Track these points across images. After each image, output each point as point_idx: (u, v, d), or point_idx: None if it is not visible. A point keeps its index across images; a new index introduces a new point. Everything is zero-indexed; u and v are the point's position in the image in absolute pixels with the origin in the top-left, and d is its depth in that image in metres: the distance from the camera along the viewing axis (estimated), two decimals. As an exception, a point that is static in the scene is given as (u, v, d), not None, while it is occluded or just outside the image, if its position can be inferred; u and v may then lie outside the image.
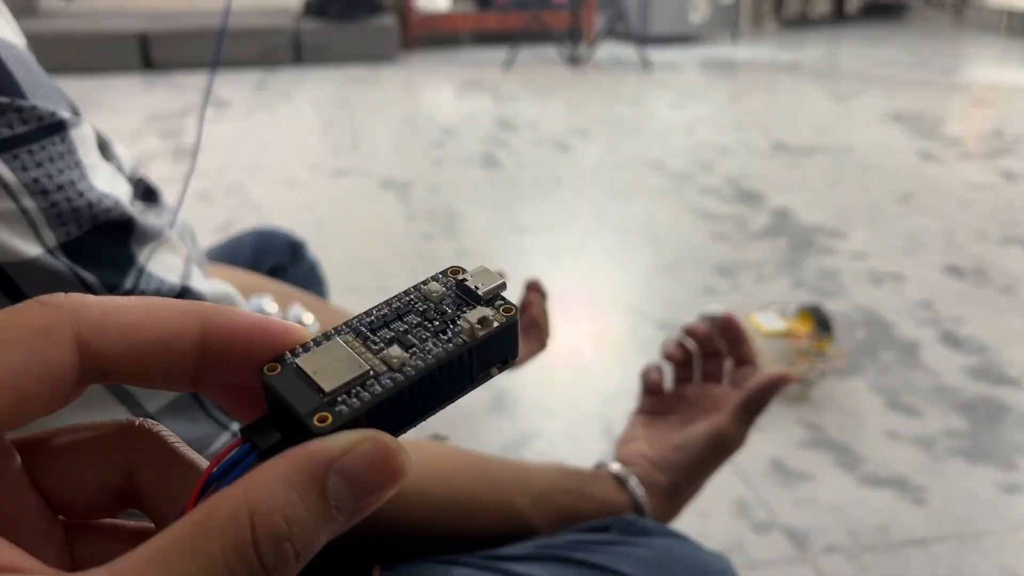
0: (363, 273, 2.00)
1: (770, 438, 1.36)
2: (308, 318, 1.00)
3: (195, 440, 0.52)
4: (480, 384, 0.24)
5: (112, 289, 0.48)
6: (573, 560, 0.66)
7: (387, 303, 0.24)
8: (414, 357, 0.22)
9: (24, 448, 0.22)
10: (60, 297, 0.21)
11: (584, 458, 1.16)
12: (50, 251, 0.46)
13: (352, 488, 0.20)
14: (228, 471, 0.21)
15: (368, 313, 0.24)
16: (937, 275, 1.96)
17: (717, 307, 1.80)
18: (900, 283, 1.91)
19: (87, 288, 0.47)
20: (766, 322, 1.57)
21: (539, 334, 1.09)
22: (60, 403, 0.21)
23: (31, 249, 0.46)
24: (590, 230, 2.29)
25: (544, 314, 1.09)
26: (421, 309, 0.24)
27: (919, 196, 2.50)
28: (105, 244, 0.49)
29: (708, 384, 0.87)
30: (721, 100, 3.83)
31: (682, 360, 0.87)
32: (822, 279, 1.94)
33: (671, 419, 0.84)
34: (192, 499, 0.20)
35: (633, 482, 0.76)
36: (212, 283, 0.55)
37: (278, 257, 1.18)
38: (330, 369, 0.22)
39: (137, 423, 0.23)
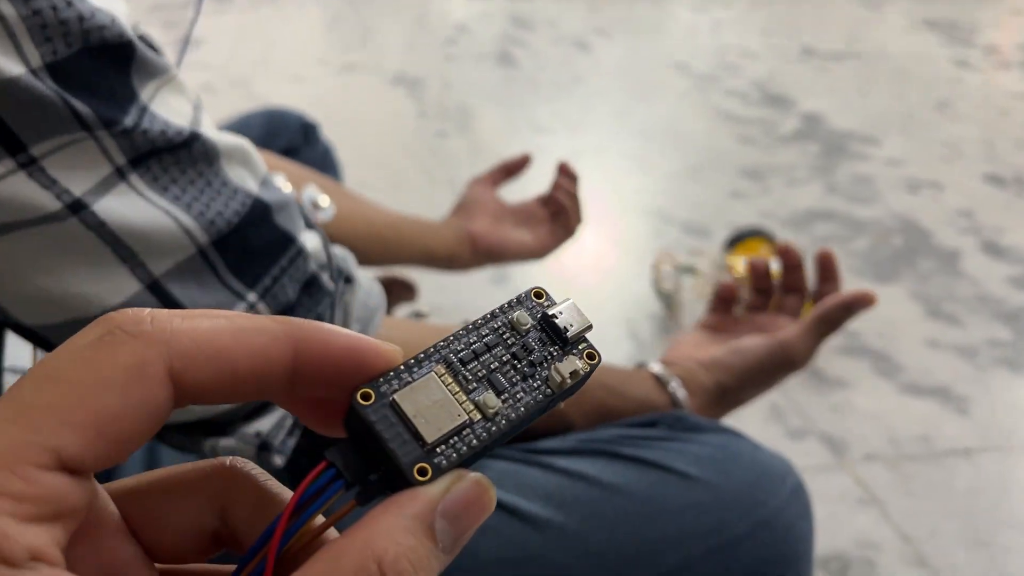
0: (374, 170, 1.91)
1: (804, 344, 1.30)
2: (324, 200, 0.93)
3: (207, 307, 0.46)
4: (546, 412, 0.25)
5: (109, 124, 0.41)
6: (621, 455, 0.59)
7: (475, 328, 0.24)
8: (507, 405, 0.23)
9: (120, 497, 0.22)
10: (146, 324, 0.20)
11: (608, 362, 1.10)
12: (33, 71, 0.39)
13: (453, 528, 0.21)
14: (314, 497, 0.21)
15: (457, 338, 0.24)
16: (977, 184, 1.87)
17: (745, 212, 1.72)
18: (938, 191, 1.83)
19: (79, 120, 0.40)
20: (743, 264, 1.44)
21: (567, 221, 1.01)
22: (153, 434, 0.20)
23: (11, 67, 0.38)
24: (612, 131, 2.19)
25: (574, 200, 1.00)
26: (509, 342, 0.24)
27: (956, 104, 2.38)
28: (101, 70, 0.41)
29: (781, 316, 0.79)
30: (746, 4, 3.65)
31: (762, 279, 0.80)
32: (856, 185, 1.85)
33: (726, 344, 0.77)
34: (282, 523, 0.20)
35: (674, 384, 0.70)
36: (225, 135, 0.48)
37: (289, 138, 1.09)
38: (429, 415, 0.22)
39: (228, 462, 0.23)
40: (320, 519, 0.22)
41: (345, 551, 0.19)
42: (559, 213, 1.01)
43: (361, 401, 0.22)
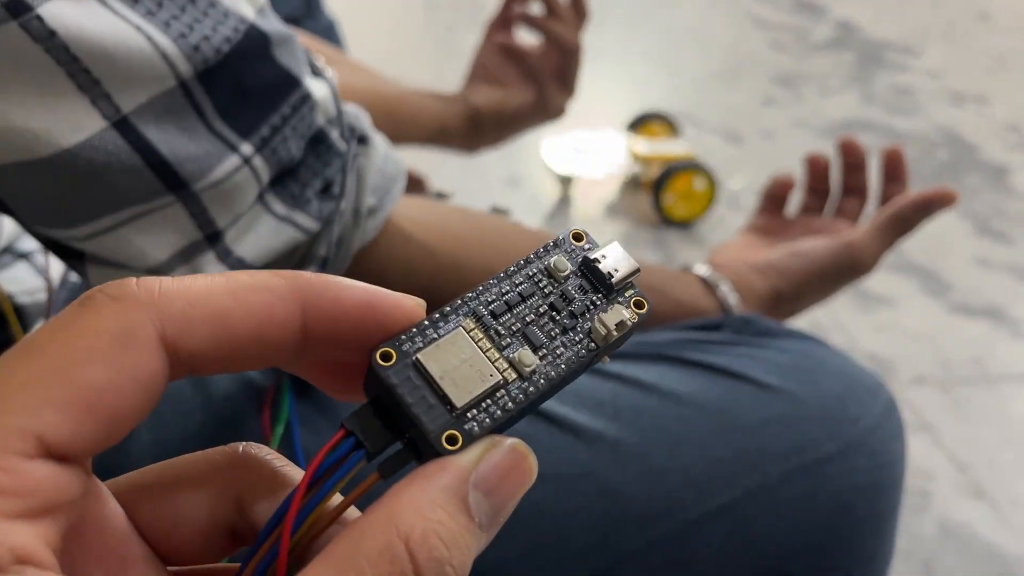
0: (379, 64, 1.78)
1: (844, 259, 1.20)
2: (329, 72, 0.81)
3: (191, 159, 0.36)
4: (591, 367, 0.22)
5: None
6: (684, 360, 0.50)
7: (508, 277, 0.22)
8: (545, 363, 0.21)
9: (123, 494, 0.20)
10: (132, 287, 0.18)
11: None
12: None
13: (490, 501, 0.18)
14: (332, 470, 0.19)
15: (487, 289, 0.21)
16: (1024, 98, 1.75)
17: (779, 119, 1.61)
18: (984, 105, 1.71)
19: None
20: (644, 147, 1.33)
21: (568, 76, 0.85)
22: (150, 409, 0.18)
23: None
24: (635, 29, 2.05)
25: (573, 46, 0.84)
26: (546, 291, 0.22)
27: (999, 16, 2.24)
28: None
29: (839, 220, 0.69)
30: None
31: (821, 175, 0.70)
32: (895, 95, 1.73)
33: (781, 245, 0.68)
34: (296, 500, 0.18)
35: (724, 288, 0.60)
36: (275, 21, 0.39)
37: (291, 7, 0.97)
38: (457, 375, 0.20)
39: (240, 449, 0.21)
40: (339, 498, 0.20)
41: (368, 530, 0.17)
42: (560, 70, 0.85)
43: (381, 362, 0.20)
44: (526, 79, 0.85)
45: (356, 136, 0.45)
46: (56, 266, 0.54)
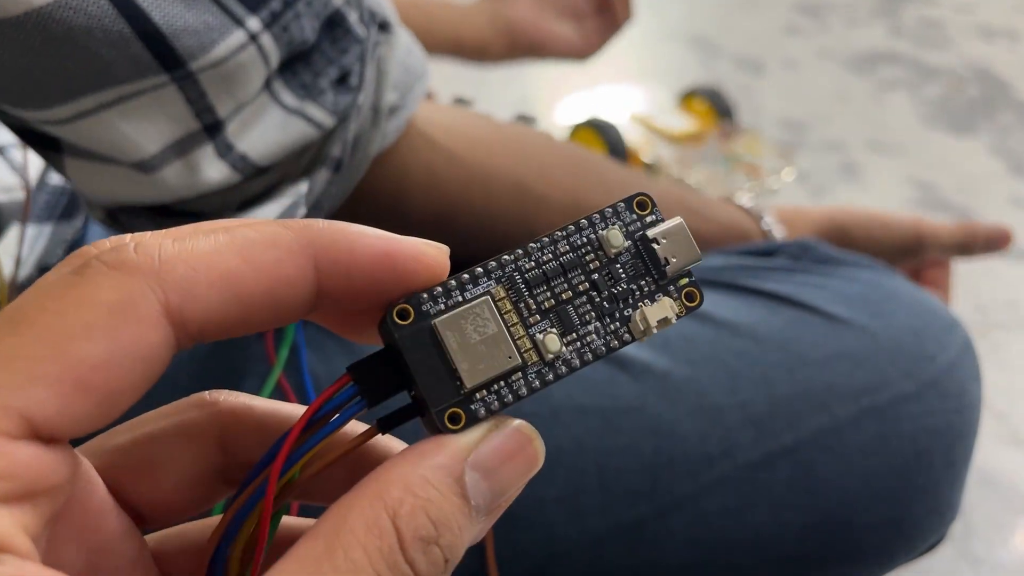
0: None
1: (873, 193, 1.14)
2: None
3: (189, 31, 0.29)
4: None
5: None
6: (741, 287, 0.44)
7: (552, 242, 0.20)
8: (571, 350, 0.19)
9: (98, 458, 0.19)
10: (129, 252, 0.16)
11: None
12: None
13: (489, 483, 0.18)
14: (331, 415, 0.18)
15: (528, 252, 0.19)
16: (1057, 36, 1.67)
17: (802, 48, 1.53)
18: (1016, 41, 1.63)
19: None
20: (672, 123, 1.13)
21: (613, 15, 0.82)
22: (150, 385, 0.17)
23: None
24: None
25: None
26: (591, 267, 0.20)
27: (1029, -49, 2.14)
28: None
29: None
30: None
31: None
32: (924, 28, 1.65)
33: None
34: (289, 440, 0.18)
35: (769, 219, 0.54)
36: None
37: None
38: (473, 352, 0.18)
39: (208, 396, 0.20)
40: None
41: (356, 504, 0.16)
42: (604, 6, 0.82)
43: (397, 320, 0.18)
44: (572, 15, 0.80)
45: (377, 22, 0.38)
46: (35, 164, 0.48)
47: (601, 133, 0.99)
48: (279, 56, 0.33)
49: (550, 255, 0.20)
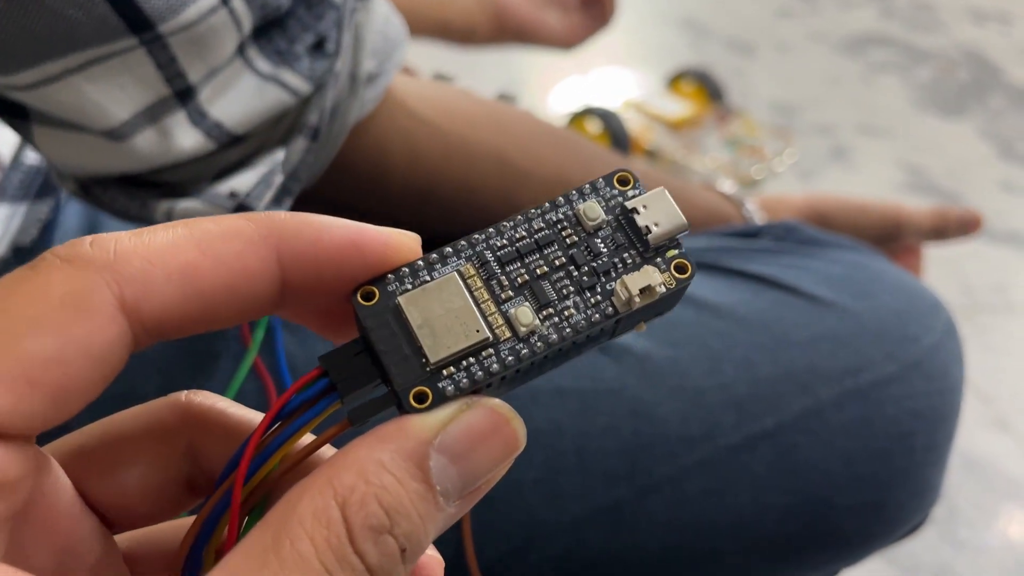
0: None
1: (863, 176, 1.14)
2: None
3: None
4: (619, 337, 0.20)
5: None
6: (724, 268, 0.44)
7: (526, 219, 0.19)
8: (548, 324, 0.18)
9: (65, 459, 0.18)
10: (85, 247, 0.16)
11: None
12: None
13: (459, 468, 0.16)
14: (300, 409, 0.18)
15: (500, 231, 0.19)
16: (1049, 19, 1.67)
17: (794, 31, 1.52)
18: (1007, 24, 1.63)
19: None
20: (667, 107, 1.11)
21: (601, 9, 0.83)
22: (108, 382, 0.16)
23: None
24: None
25: None
26: (568, 242, 0.19)
27: (1023, -66, 2.14)
28: None
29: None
30: None
31: None
32: (915, 11, 1.64)
33: None
34: (252, 442, 0.17)
35: (751, 206, 0.54)
36: None
37: None
38: (439, 326, 0.18)
39: (184, 397, 0.20)
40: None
41: (306, 491, 0.15)
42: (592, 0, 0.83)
43: (361, 301, 0.18)
44: (559, 4, 0.80)
45: None
46: (8, 142, 0.47)
47: (603, 121, 0.98)
48: (252, 20, 0.32)
49: (524, 232, 0.19)
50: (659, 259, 0.19)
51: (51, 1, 0.28)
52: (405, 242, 0.18)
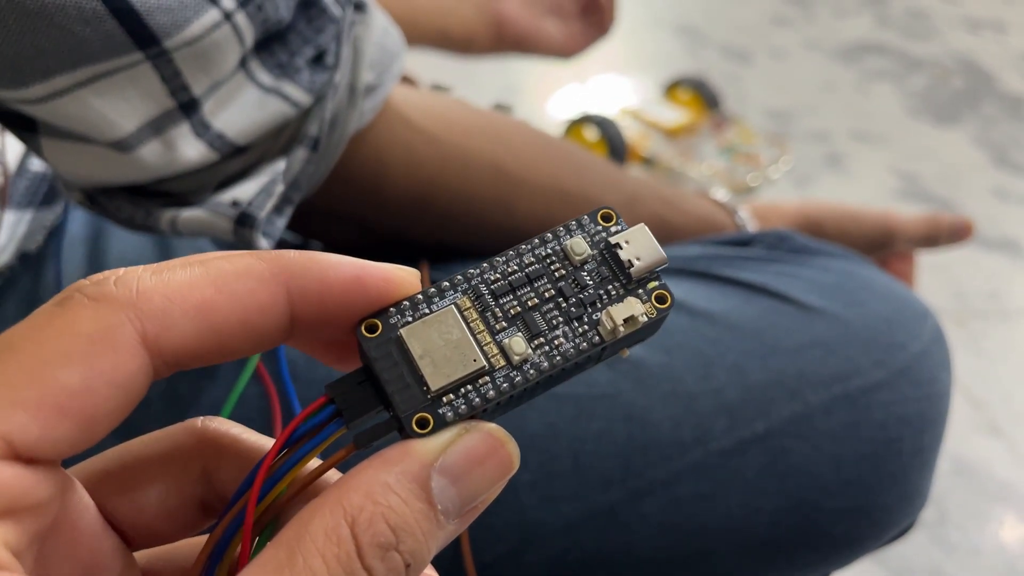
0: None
1: (858, 183, 1.15)
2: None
3: (163, 8, 0.30)
4: (603, 362, 0.21)
5: None
6: (717, 276, 0.45)
7: (517, 255, 0.20)
8: (539, 353, 0.19)
9: (87, 481, 0.19)
10: (109, 284, 0.17)
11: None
12: None
13: (459, 489, 0.18)
14: (308, 435, 0.19)
15: (493, 266, 0.20)
16: (1043, 27, 1.68)
17: (789, 38, 1.53)
18: (1001, 33, 1.64)
19: None
20: (663, 115, 1.13)
21: (600, 18, 0.84)
22: (129, 410, 0.17)
23: None
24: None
25: None
26: (557, 275, 0.20)
27: (1017, -57, 2.15)
28: None
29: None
30: None
31: None
32: (910, 19, 1.66)
33: None
34: (264, 466, 0.18)
35: (744, 214, 0.55)
36: None
37: None
38: (438, 356, 0.19)
39: (200, 424, 0.21)
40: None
41: (317, 511, 0.17)
42: (591, 8, 0.83)
43: (365, 333, 0.19)
44: (558, 14, 0.81)
45: (352, 2, 0.39)
46: (13, 149, 0.48)
47: (600, 129, 0.99)
48: (254, 35, 0.33)
49: (515, 267, 0.20)
50: (641, 291, 0.20)
51: (60, 18, 0.29)
52: (405, 277, 0.19)
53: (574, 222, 0.21)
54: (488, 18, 0.80)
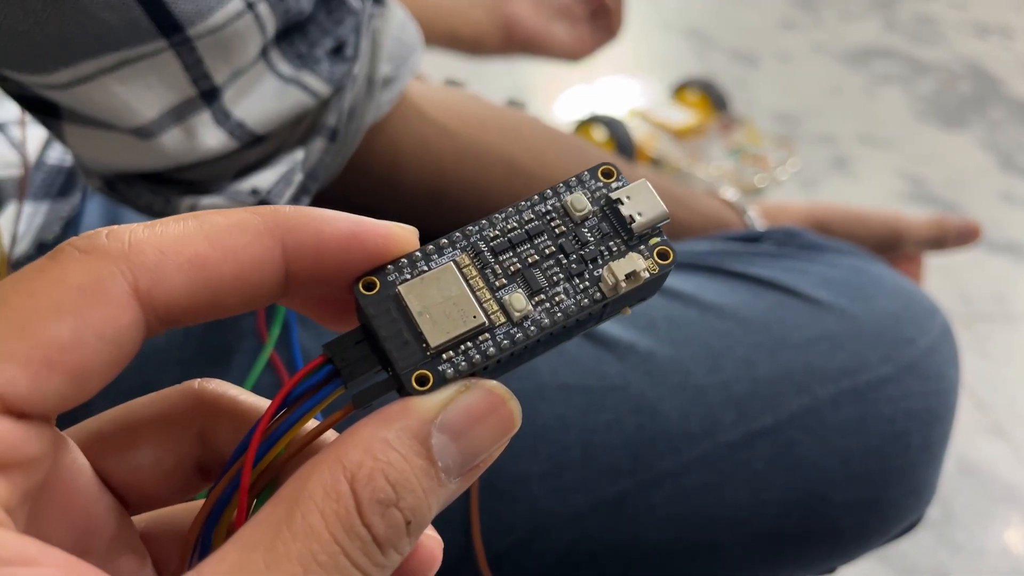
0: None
1: (864, 185, 1.15)
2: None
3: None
4: (606, 321, 0.21)
5: None
6: (727, 271, 0.45)
7: (517, 211, 0.20)
8: (540, 310, 0.19)
9: (83, 442, 0.19)
10: (102, 239, 0.17)
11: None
12: None
13: (459, 445, 0.17)
14: (306, 395, 0.19)
15: (492, 222, 0.20)
16: (1050, 33, 1.68)
17: (797, 42, 1.54)
18: (1008, 38, 1.64)
19: None
20: (672, 116, 1.13)
21: (608, 21, 0.84)
22: (122, 366, 0.17)
23: None
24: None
25: None
26: (557, 232, 0.20)
27: (1025, -51, 2.15)
28: None
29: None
30: None
31: None
32: (918, 24, 1.66)
33: None
34: (260, 427, 0.18)
35: (752, 213, 0.55)
36: None
37: None
38: (437, 312, 0.18)
39: (196, 385, 0.21)
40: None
41: (316, 468, 0.16)
42: (600, 12, 0.84)
43: (363, 291, 0.19)
44: (566, 17, 0.81)
45: None
46: (33, 141, 0.48)
47: (609, 129, 1.00)
48: (275, 25, 0.34)
49: (515, 223, 0.20)
50: (643, 247, 0.20)
51: (87, 4, 0.29)
52: (403, 234, 0.19)
53: (574, 178, 0.20)
54: (497, 20, 0.81)
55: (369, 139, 0.40)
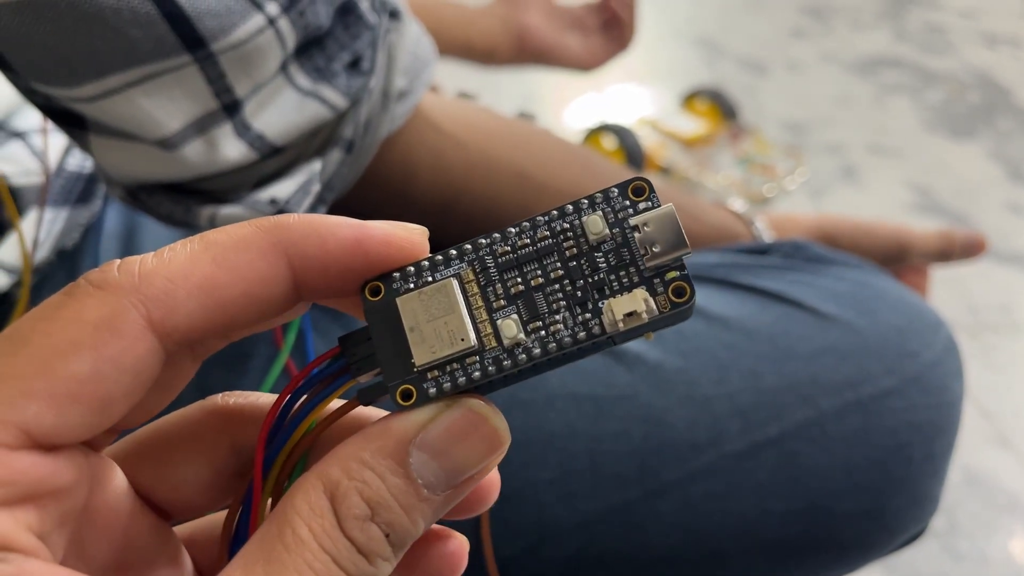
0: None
1: (872, 195, 1.16)
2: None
3: (211, 13, 0.31)
4: (620, 346, 0.21)
5: None
6: (734, 283, 0.46)
7: (533, 226, 0.19)
8: (533, 338, 0.18)
9: (124, 461, 0.20)
10: (113, 273, 0.17)
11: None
12: None
13: (441, 463, 0.18)
14: (318, 387, 0.19)
15: (505, 236, 0.19)
16: (1060, 44, 1.68)
17: (807, 51, 1.54)
18: (1018, 48, 1.64)
19: None
20: (681, 125, 1.14)
21: (620, 33, 0.85)
22: (144, 390, 0.18)
23: None
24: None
25: (630, 8, 0.84)
26: (568, 255, 0.19)
27: (1036, -41, 2.15)
28: None
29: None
30: None
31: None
32: (928, 34, 1.66)
33: None
34: (276, 405, 0.19)
35: (760, 224, 0.56)
36: None
37: None
38: (428, 330, 0.18)
39: (220, 400, 0.21)
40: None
41: (302, 485, 0.18)
42: (612, 23, 0.84)
43: (368, 296, 0.19)
44: (579, 28, 0.82)
45: (387, 10, 0.40)
46: (54, 149, 0.49)
47: (618, 137, 1.00)
48: (295, 40, 0.35)
49: (527, 240, 0.19)
50: (658, 280, 0.18)
51: (115, 21, 0.30)
52: (407, 236, 0.19)
53: (600, 194, 0.19)
54: (511, 31, 0.81)
55: (383, 151, 0.41)
